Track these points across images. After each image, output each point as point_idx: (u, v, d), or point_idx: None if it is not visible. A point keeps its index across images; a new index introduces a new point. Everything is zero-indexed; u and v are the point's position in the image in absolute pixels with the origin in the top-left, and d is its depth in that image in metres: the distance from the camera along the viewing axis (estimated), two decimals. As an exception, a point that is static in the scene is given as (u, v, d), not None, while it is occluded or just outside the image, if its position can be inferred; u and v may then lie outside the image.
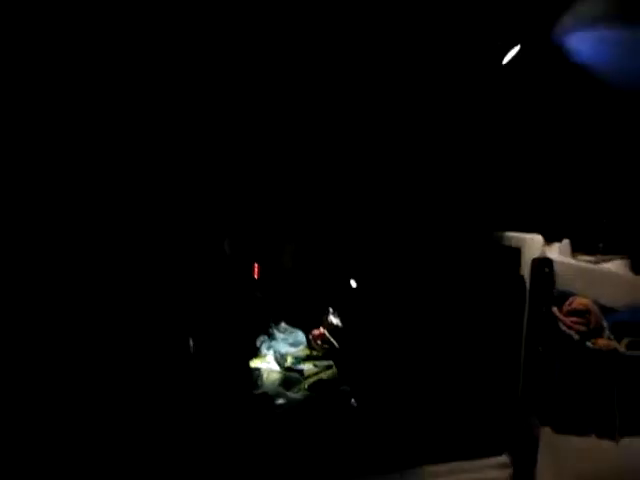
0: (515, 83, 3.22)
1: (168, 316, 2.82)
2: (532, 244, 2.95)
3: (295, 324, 4.94)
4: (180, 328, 2.83)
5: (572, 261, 3.04)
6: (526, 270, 2.96)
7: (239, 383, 2.76)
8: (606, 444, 2.81)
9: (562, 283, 2.92)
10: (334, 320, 4.89)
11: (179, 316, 2.82)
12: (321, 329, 4.79)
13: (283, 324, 5.00)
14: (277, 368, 4.52)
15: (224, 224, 3.01)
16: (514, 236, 3.04)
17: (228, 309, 2.69)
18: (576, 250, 3.10)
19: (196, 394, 3.06)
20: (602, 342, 2.83)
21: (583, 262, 3.09)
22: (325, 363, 4.87)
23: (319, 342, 4.83)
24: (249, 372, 3.17)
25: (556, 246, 3.03)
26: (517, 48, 3.13)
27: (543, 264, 2.88)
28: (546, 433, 2.90)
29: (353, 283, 4.52)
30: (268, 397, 4.05)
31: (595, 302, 2.88)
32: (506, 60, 3.17)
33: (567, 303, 2.89)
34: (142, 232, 2.91)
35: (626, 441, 2.82)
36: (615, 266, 3.08)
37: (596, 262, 3.12)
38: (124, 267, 2.83)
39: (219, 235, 2.94)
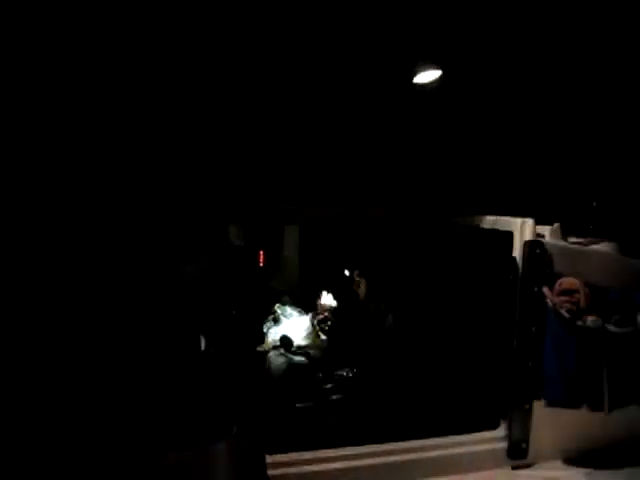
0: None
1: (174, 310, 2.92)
2: (524, 227, 3.05)
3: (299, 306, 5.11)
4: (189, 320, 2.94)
5: (563, 243, 3.17)
6: (518, 252, 3.07)
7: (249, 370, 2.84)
8: (596, 416, 2.95)
9: (553, 264, 3.04)
10: (328, 301, 5.06)
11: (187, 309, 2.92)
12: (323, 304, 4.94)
13: (289, 309, 5.14)
14: (284, 352, 4.68)
15: (228, 212, 3.11)
16: (506, 219, 3.14)
17: (238, 298, 2.79)
18: (566, 233, 3.22)
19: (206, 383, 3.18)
20: (592, 318, 2.96)
21: (573, 244, 3.21)
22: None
23: (322, 317, 4.98)
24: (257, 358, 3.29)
25: (547, 228, 3.14)
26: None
27: (535, 246, 2.99)
28: (539, 407, 3.04)
29: (346, 272, 4.66)
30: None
31: (585, 282, 3.01)
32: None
33: (557, 283, 3.01)
34: (145, 224, 3.00)
35: (614, 413, 2.96)
36: (604, 247, 3.21)
37: (586, 244, 3.25)
38: (126, 261, 2.92)
39: (224, 223, 3.04)
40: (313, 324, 4.97)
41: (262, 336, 4.71)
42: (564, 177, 3.31)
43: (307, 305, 5.15)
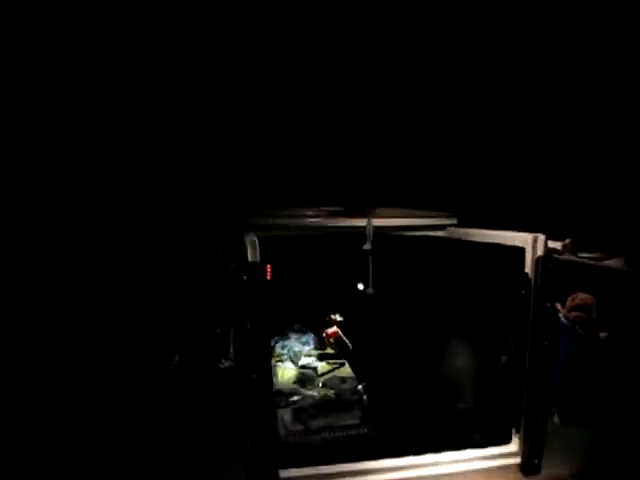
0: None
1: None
2: (536, 243, 3.07)
3: (307, 325, 5.14)
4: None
5: (574, 258, 3.19)
6: (530, 268, 3.08)
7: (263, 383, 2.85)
8: (611, 433, 2.96)
9: (566, 280, 3.06)
10: (338, 318, 5.07)
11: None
12: (335, 328, 4.94)
13: (297, 325, 5.18)
14: (292, 366, 4.70)
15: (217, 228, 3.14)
16: (518, 235, 3.16)
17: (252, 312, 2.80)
18: (577, 248, 3.25)
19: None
20: (603, 334, 2.98)
21: (584, 259, 3.24)
22: (338, 361, 5.04)
23: (331, 340, 4.99)
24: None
25: (559, 244, 3.16)
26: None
27: (547, 262, 3.01)
28: (553, 423, 3.05)
29: (360, 286, 4.65)
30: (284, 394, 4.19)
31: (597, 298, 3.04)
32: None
33: (570, 299, 3.04)
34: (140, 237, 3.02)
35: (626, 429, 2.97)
36: (614, 263, 3.24)
37: (597, 259, 3.27)
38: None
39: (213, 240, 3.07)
40: (322, 338, 4.99)
41: (270, 349, 4.73)
42: (575, 194, 3.34)
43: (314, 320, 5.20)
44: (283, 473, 3.04)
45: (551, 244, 3.14)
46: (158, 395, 2.90)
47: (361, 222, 3.65)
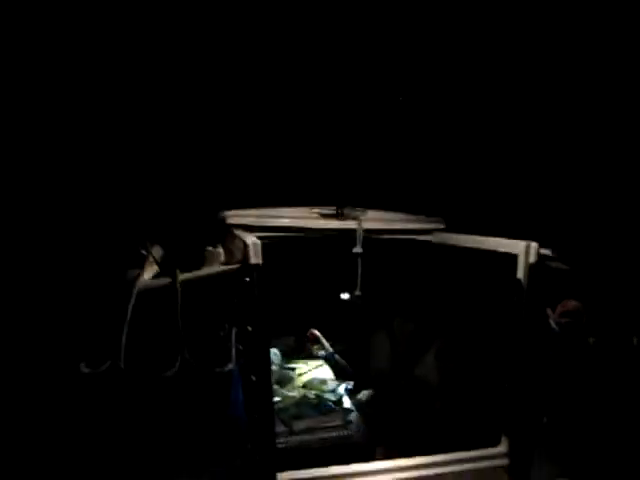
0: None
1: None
2: (528, 250, 3.15)
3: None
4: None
5: (563, 266, 3.29)
6: (522, 274, 3.16)
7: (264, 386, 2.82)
8: (600, 435, 3.08)
9: (555, 286, 3.15)
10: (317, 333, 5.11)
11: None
12: (314, 331, 4.95)
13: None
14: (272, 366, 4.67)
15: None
16: (511, 242, 3.23)
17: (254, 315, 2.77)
18: (567, 256, 3.35)
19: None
20: (593, 339, 3.10)
21: (571, 267, 3.34)
22: (315, 362, 5.04)
23: (312, 343, 5.01)
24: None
25: (548, 252, 3.25)
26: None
27: (540, 268, 3.09)
28: (542, 425, 3.15)
29: (344, 295, 4.66)
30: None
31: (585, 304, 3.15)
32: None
33: (560, 305, 3.13)
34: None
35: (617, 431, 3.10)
36: (604, 271, 3.36)
37: (582, 266, 3.39)
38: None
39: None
40: (304, 341, 5.00)
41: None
42: (565, 203, 3.44)
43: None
44: (279, 476, 3.01)
45: (543, 251, 3.23)
46: (161, 397, 2.83)
47: (351, 225, 3.66)
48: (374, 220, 3.78)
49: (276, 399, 4.28)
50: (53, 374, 2.91)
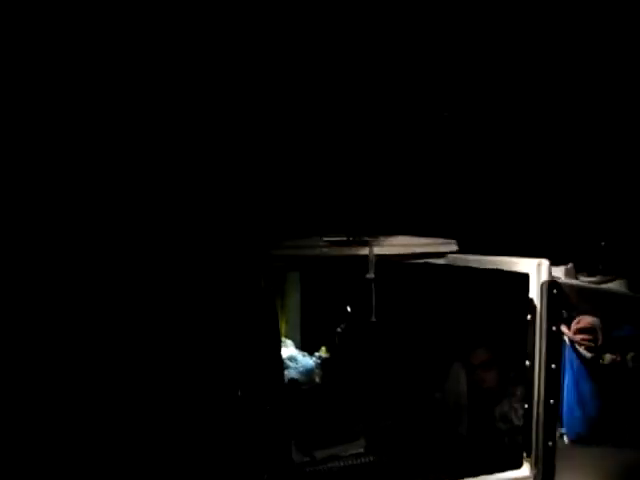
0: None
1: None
2: (540, 268, 3.14)
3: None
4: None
5: (577, 282, 3.27)
6: (535, 292, 3.15)
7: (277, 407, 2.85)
8: (621, 454, 3.01)
9: (569, 304, 3.13)
10: None
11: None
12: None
13: (293, 352, 5.17)
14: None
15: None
16: (523, 261, 3.23)
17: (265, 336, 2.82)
18: (578, 272, 3.34)
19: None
20: (609, 357, 3.05)
21: (586, 283, 3.32)
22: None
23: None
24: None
25: (561, 269, 3.24)
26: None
27: (552, 287, 3.08)
28: (564, 445, 3.09)
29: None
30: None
31: (599, 320, 3.11)
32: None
33: (575, 322, 3.10)
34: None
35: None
36: (615, 285, 3.33)
37: (597, 282, 3.36)
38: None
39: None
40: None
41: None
42: (574, 218, 3.44)
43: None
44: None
45: (553, 270, 3.23)
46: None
47: (363, 251, 3.69)
48: (386, 245, 3.81)
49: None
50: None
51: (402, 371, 4.35)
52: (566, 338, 3.10)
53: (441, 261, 3.84)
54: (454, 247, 3.91)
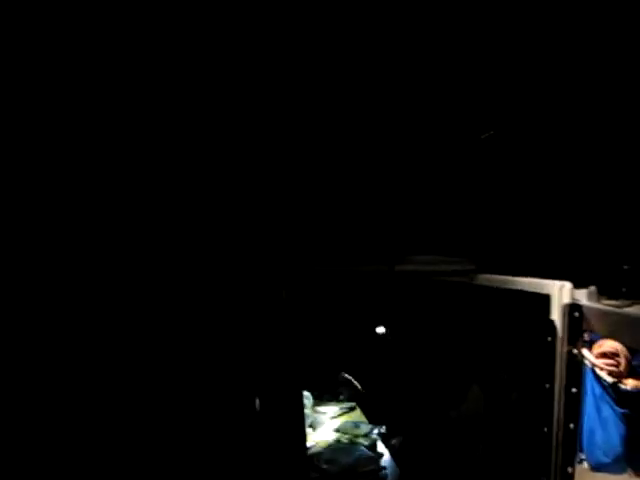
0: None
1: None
2: (562, 290, 3.13)
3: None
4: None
5: (599, 306, 3.23)
6: (557, 315, 3.13)
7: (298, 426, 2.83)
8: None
9: (591, 327, 3.10)
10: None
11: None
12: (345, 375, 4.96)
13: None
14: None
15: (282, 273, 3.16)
16: (544, 282, 3.21)
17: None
18: (601, 295, 3.30)
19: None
20: (632, 383, 3.00)
21: (609, 307, 3.28)
22: (348, 404, 5.00)
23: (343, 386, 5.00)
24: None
25: (584, 292, 3.21)
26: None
27: (573, 309, 3.06)
28: (582, 472, 3.04)
29: (380, 329, 4.66)
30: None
31: (622, 344, 3.07)
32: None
33: (597, 345, 3.06)
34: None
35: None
36: (638, 309, 3.28)
37: (620, 306, 3.31)
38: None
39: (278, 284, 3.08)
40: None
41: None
42: (597, 241, 3.41)
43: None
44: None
45: (575, 292, 3.20)
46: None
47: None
48: (407, 263, 3.81)
49: (309, 444, 4.25)
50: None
51: (419, 389, 4.32)
52: (587, 362, 3.06)
53: (463, 280, 3.83)
54: (473, 266, 3.90)
